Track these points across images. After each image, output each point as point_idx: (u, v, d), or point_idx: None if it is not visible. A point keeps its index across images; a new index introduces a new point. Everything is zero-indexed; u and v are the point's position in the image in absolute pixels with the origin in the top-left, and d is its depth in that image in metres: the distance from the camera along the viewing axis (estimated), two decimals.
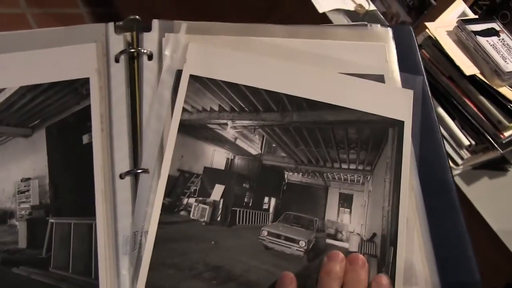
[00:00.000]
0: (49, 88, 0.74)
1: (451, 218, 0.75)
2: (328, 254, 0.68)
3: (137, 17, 0.76)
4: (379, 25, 0.83)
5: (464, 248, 0.74)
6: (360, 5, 1.76)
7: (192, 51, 0.75)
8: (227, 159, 0.73)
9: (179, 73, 0.74)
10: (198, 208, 0.70)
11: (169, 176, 0.69)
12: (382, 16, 1.81)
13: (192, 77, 0.74)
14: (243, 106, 0.74)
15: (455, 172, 1.43)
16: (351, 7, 1.74)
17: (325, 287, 0.66)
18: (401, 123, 0.76)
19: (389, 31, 0.83)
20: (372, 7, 1.80)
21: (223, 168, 0.73)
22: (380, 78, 0.79)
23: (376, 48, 0.81)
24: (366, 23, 0.85)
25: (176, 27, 0.78)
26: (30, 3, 2.81)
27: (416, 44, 0.85)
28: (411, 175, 0.75)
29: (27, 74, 0.75)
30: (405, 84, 0.79)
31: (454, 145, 1.40)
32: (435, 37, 1.39)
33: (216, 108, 0.74)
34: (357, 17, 1.73)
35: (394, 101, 0.77)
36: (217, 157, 0.73)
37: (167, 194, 0.69)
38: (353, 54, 0.80)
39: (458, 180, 1.45)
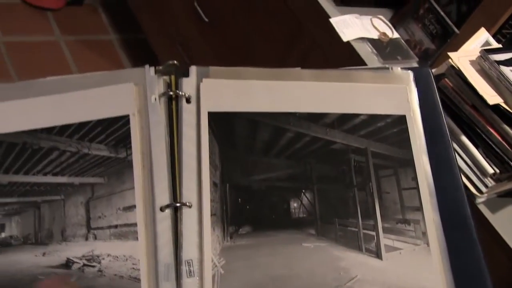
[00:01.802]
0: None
1: (470, 251, 0.81)
2: None
3: (175, 62, 0.83)
4: (399, 68, 0.90)
5: (483, 281, 0.79)
6: (384, 33, 1.81)
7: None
8: None
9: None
10: None
11: None
12: (405, 44, 1.85)
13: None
14: None
15: (480, 200, 1.45)
16: (374, 35, 1.80)
17: None
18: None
19: (410, 74, 0.89)
20: (396, 35, 1.85)
21: None
22: (402, 119, 0.86)
23: (398, 90, 0.88)
24: (388, 66, 0.92)
25: (212, 73, 0.84)
26: (63, 31, 2.90)
27: (435, 86, 0.92)
28: (432, 208, 0.82)
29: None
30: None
31: (478, 173, 1.41)
32: (458, 67, 1.42)
33: None
34: (381, 45, 1.78)
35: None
36: None
37: None
38: (377, 96, 0.87)
39: (482, 208, 1.46)
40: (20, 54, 2.69)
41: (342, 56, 1.83)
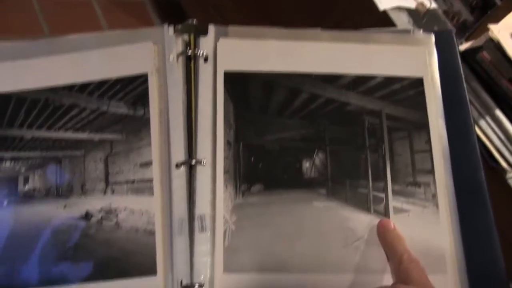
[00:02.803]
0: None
1: (481, 215, 0.83)
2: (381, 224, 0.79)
3: (194, 21, 0.86)
4: (421, 31, 0.91)
5: (492, 245, 0.82)
6: (421, 3, 1.81)
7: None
8: None
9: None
10: None
11: None
12: (443, 15, 1.85)
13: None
14: None
15: (510, 175, 1.45)
16: (412, 4, 1.79)
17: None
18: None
19: (432, 36, 0.90)
20: (434, 5, 1.84)
21: None
22: (419, 81, 0.87)
23: (416, 52, 0.89)
24: (410, 29, 0.93)
25: (231, 32, 0.87)
26: None
27: (457, 49, 0.92)
28: (445, 171, 0.84)
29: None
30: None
31: (510, 147, 1.43)
32: (498, 39, 1.42)
33: None
34: (417, 15, 1.78)
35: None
36: None
37: None
38: (394, 58, 0.89)
39: None
40: (53, 12, 2.73)
41: (376, 26, 1.81)
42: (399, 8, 1.77)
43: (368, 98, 0.87)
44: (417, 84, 0.88)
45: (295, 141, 0.85)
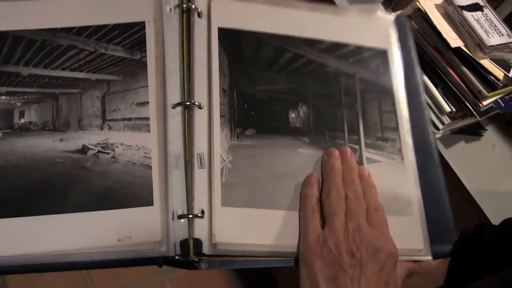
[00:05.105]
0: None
1: (434, 173, 1.01)
2: (327, 152, 0.93)
3: None
4: (387, 13, 1.10)
5: (442, 200, 1.00)
6: None
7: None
8: None
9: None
10: None
11: None
12: None
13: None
14: None
15: (436, 136, 1.58)
16: None
17: (333, 179, 0.89)
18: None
19: (392, 17, 1.10)
20: None
21: None
22: (384, 52, 1.06)
23: (382, 27, 1.08)
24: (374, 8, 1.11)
25: None
26: None
27: (411, 32, 1.12)
28: (406, 131, 1.01)
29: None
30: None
31: (436, 111, 1.55)
32: (424, 9, 1.53)
33: None
34: None
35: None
36: None
37: None
38: (364, 30, 1.07)
39: (438, 143, 1.60)
40: None
41: None
42: None
43: (343, 62, 1.02)
44: (383, 54, 1.05)
45: (282, 93, 0.98)
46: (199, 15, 0.95)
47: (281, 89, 0.98)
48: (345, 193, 0.88)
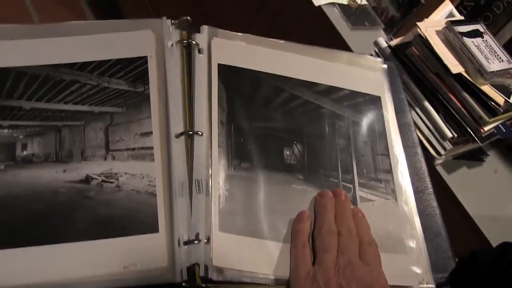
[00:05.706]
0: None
1: (430, 209, 1.05)
2: (320, 193, 0.95)
3: (188, 18, 1.01)
4: (379, 59, 1.17)
5: (439, 227, 1.02)
6: (353, 0, 1.97)
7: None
8: None
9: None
10: None
11: None
12: (372, 11, 2.00)
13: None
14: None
15: (438, 161, 1.61)
16: (344, 1, 1.94)
17: (325, 216, 0.91)
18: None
19: (384, 65, 1.17)
20: (364, 1, 1.99)
21: None
22: (378, 99, 1.12)
23: (375, 75, 1.15)
24: (367, 55, 1.20)
25: (220, 34, 1.04)
26: None
27: (400, 79, 1.19)
28: (402, 176, 1.05)
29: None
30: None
31: (438, 136, 1.57)
32: (425, 36, 1.55)
33: None
34: (349, 10, 1.93)
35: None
36: None
37: None
38: (359, 77, 1.13)
39: (440, 169, 1.63)
40: None
41: (313, 19, 1.98)
42: (333, 4, 1.92)
43: (338, 105, 1.07)
44: (376, 101, 1.10)
45: (278, 131, 1.01)
46: (199, 51, 0.99)
47: (276, 127, 1.02)
48: (337, 229, 0.89)
